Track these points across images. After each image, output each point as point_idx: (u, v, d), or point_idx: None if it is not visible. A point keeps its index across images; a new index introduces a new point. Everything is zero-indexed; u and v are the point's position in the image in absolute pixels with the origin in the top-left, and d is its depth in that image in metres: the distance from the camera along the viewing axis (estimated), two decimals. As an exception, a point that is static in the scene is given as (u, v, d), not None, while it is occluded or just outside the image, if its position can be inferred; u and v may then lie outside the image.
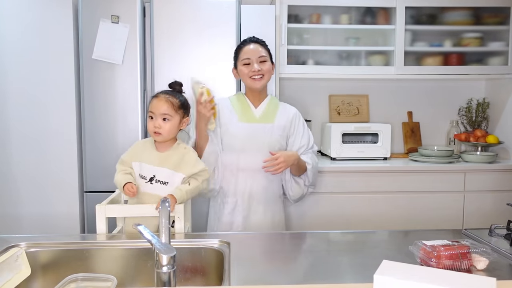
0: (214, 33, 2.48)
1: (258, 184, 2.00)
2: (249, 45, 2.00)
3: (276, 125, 2.02)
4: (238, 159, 1.98)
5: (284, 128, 2.04)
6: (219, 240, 1.43)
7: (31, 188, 2.49)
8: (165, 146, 1.72)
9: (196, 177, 1.71)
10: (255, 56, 1.97)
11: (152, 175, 1.68)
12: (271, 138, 2.00)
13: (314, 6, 2.85)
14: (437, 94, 3.27)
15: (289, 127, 2.06)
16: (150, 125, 1.68)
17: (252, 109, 2.03)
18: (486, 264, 1.17)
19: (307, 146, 2.08)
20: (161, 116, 1.66)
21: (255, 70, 1.95)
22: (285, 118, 2.05)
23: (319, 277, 1.18)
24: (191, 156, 1.73)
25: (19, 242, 1.40)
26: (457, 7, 2.91)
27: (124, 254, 1.41)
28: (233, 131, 1.99)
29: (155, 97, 1.71)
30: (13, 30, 2.42)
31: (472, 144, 3.01)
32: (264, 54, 1.99)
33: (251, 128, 1.99)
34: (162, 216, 1.14)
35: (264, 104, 2.05)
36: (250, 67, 1.97)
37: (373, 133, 2.91)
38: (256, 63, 1.96)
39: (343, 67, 2.89)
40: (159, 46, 2.47)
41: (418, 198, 2.70)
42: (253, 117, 2.02)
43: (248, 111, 2.03)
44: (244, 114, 2.01)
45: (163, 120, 1.67)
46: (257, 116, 2.02)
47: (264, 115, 2.03)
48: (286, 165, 1.93)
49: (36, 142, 2.47)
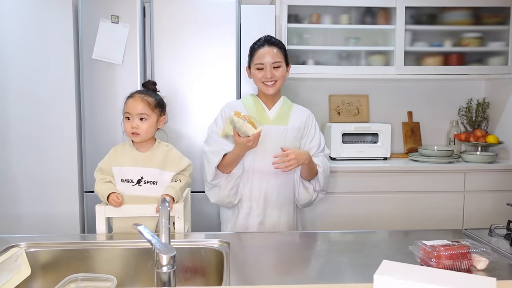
0: (214, 33, 2.48)
1: (273, 188, 1.96)
2: (263, 47, 1.94)
3: (290, 127, 1.98)
4: (252, 162, 1.94)
5: (298, 130, 2.00)
6: (219, 240, 1.43)
7: (31, 188, 2.49)
8: (145, 146, 1.71)
9: (184, 173, 1.72)
10: (269, 62, 1.92)
11: (139, 177, 1.66)
12: (285, 140, 1.96)
13: (314, 6, 2.85)
14: (437, 94, 3.26)
15: (302, 129, 2.02)
16: (127, 125, 1.66)
17: (266, 111, 2.00)
18: (486, 264, 1.17)
19: (318, 148, 2.03)
20: (138, 116, 1.65)
21: (268, 77, 1.92)
22: (298, 120, 2.01)
23: (319, 277, 1.18)
24: (176, 153, 1.74)
25: (19, 242, 1.39)
26: (457, 7, 2.91)
27: (124, 254, 1.41)
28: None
29: (130, 97, 1.70)
30: (13, 30, 2.42)
31: (472, 144, 3.01)
32: (279, 60, 1.94)
33: (264, 130, 1.90)
34: (162, 216, 1.14)
35: (278, 106, 2.02)
36: (263, 73, 1.93)
37: (373, 133, 2.91)
38: (269, 69, 1.92)
39: (343, 67, 2.89)
40: (159, 46, 2.47)
41: (418, 198, 2.70)
42: (266, 119, 1.98)
43: (261, 113, 1.99)
44: (258, 116, 1.97)
45: (140, 120, 1.65)
46: (271, 118, 1.99)
47: (278, 117, 2.00)
48: (297, 162, 1.86)
49: (36, 143, 2.47)
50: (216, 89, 2.50)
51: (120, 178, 1.67)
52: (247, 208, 1.96)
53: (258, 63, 1.93)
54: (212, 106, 2.46)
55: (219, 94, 2.49)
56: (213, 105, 2.47)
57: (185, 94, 2.50)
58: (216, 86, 2.50)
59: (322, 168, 1.98)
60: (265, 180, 1.95)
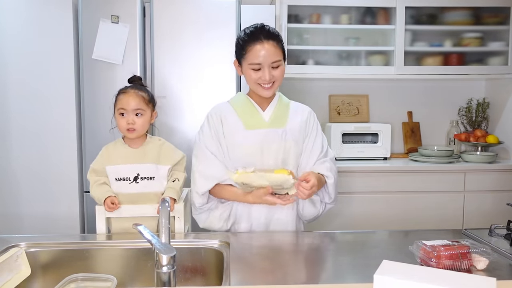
0: (214, 33, 2.48)
1: (275, 208, 1.64)
2: (260, 42, 1.57)
3: (289, 129, 1.68)
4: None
5: (298, 131, 1.70)
6: (219, 240, 1.43)
7: (31, 188, 2.48)
8: (138, 142, 1.68)
9: (179, 168, 1.71)
10: (268, 62, 1.58)
11: (135, 174, 1.63)
12: (284, 145, 1.65)
13: (314, 6, 2.85)
14: (437, 94, 3.26)
15: (304, 129, 1.71)
16: (122, 122, 1.62)
17: (260, 113, 1.69)
18: (486, 264, 1.17)
19: (321, 151, 1.71)
20: (134, 112, 1.62)
21: (266, 79, 1.59)
22: (298, 119, 1.71)
23: (319, 277, 1.18)
24: (169, 146, 1.72)
25: (19, 242, 1.39)
26: (457, 7, 2.91)
27: (124, 254, 1.40)
28: (240, 141, 1.65)
29: (123, 93, 1.65)
30: (13, 31, 2.42)
31: (472, 144, 3.01)
32: (279, 58, 1.60)
33: (260, 135, 1.65)
34: (162, 216, 1.14)
35: (273, 106, 1.71)
36: (260, 73, 1.59)
37: (373, 133, 2.91)
38: (268, 70, 1.59)
39: (343, 67, 2.89)
40: (159, 46, 2.47)
41: (418, 198, 2.70)
42: (261, 122, 1.67)
43: (255, 115, 1.68)
44: (251, 119, 1.67)
45: (136, 116, 1.63)
46: (266, 121, 1.67)
47: (274, 118, 1.68)
48: (317, 188, 1.56)
49: (36, 143, 2.47)
50: (216, 89, 2.50)
51: (114, 177, 1.63)
52: (245, 229, 1.65)
53: (254, 62, 1.58)
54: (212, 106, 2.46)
55: (219, 94, 2.48)
56: (213, 105, 2.47)
57: (185, 94, 2.50)
58: (216, 86, 2.50)
59: (333, 179, 1.66)
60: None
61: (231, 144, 1.65)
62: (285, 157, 1.66)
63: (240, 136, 1.64)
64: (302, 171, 1.68)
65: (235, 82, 2.50)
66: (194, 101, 2.50)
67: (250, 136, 1.64)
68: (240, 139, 1.64)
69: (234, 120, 1.67)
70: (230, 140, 1.65)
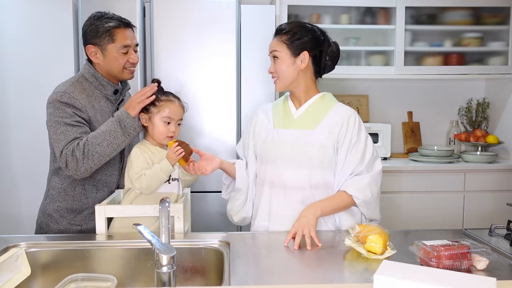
0: (214, 33, 2.47)
1: (294, 208, 1.54)
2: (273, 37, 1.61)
3: (318, 132, 1.55)
4: (271, 173, 1.59)
5: (329, 135, 1.55)
6: (219, 240, 1.43)
7: (31, 188, 2.48)
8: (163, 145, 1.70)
9: None
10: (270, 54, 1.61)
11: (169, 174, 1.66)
12: (308, 149, 1.54)
13: (314, 6, 2.85)
14: (437, 94, 3.26)
15: (337, 135, 1.55)
16: (165, 129, 1.62)
17: (291, 112, 1.62)
18: (486, 264, 1.17)
19: (359, 165, 1.54)
20: (177, 122, 1.65)
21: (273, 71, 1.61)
22: (333, 123, 1.56)
23: (319, 277, 1.18)
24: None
25: (19, 242, 1.40)
26: (457, 7, 2.91)
27: (124, 254, 1.41)
28: (266, 139, 1.62)
29: (169, 102, 1.62)
30: (13, 30, 2.42)
31: (472, 144, 3.01)
32: (277, 48, 1.57)
33: (286, 135, 1.58)
34: (162, 216, 1.14)
35: (307, 105, 1.61)
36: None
37: (373, 133, 2.90)
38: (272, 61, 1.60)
39: (343, 67, 2.88)
40: (159, 46, 2.47)
41: (418, 198, 2.70)
42: (290, 121, 1.60)
43: (287, 114, 1.62)
44: (281, 119, 1.62)
45: (177, 125, 1.66)
46: (295, 120, 1.60)
47: (303, 118, 1.59)
48: (312, 226, 1.43)
49: (37, 143, 2.47)
50: (216, 89, 2.50)
51: None
52: (262, 228, 1.61)
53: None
54: (212, 106, 2.47)
55: (219, 94, 2.48)
56: (213, 105, 2.47)
57: (185, 94, 2.49)
58: (216, 86, 2.50)
59: (361, 200, 1.51)
60: (282, 197, 1.58)
61: (258, 141, 1.66)
62: (309, 162, 1.56)
63: (266, 134, 1.64)
64: (336, 187, 1.56)
65: (235, 82, 2.49)
66: (194, 101, 2.50)
67: (276, 134, 1.61)
68: (266, 137, 1.64)
69: (267, 118, 1.67)
70: (258, 137, 1.67)
